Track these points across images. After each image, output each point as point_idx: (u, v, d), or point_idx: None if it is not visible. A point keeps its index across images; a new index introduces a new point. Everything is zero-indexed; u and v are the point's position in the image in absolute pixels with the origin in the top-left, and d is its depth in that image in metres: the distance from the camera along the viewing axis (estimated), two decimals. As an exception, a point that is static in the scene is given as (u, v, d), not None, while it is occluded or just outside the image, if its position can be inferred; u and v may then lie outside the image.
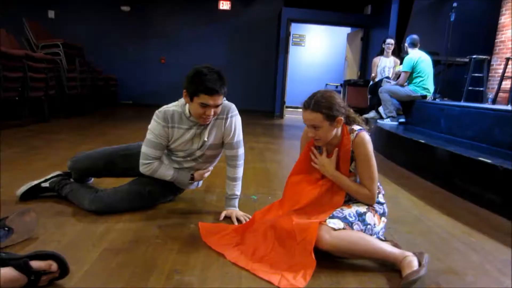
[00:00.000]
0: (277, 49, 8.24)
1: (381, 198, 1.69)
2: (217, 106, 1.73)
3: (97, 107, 7.21)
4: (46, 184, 2.04)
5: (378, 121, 4.79)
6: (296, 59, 9.98)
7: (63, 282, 1.23)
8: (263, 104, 8.59)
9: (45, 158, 2.96)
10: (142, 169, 1.86)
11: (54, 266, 1.18)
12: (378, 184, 1.65)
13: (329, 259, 1.46)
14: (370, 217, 1.58)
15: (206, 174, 1.99)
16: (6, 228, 1.43)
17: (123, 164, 1.98)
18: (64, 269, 1.22)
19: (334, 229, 1.45)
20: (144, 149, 1.84)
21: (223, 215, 1.92)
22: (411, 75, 4.53)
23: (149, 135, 1.84)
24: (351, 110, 1.69)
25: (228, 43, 8.52)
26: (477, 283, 1.41)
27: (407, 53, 4.67)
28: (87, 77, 6.67)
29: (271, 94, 8.62)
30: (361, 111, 6.55)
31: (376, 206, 1.64)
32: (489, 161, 2.33)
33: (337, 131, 1.62)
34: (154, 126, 1.83)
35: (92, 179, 2.24)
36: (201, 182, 2.16)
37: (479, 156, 2.49)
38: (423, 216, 2.15)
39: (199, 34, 8.43)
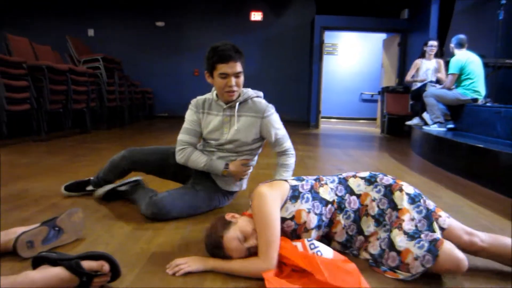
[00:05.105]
0: (310, 58, 8.14)
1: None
2: (236, 75, 1.72)
3: (135, 119, 7.36)
4: (123, 188, 2.07)
5: (423, 127, 4.54)
6: (329, 68, 9.81)
7: (115, 285, 1.16)
8: (297, 114, 8.47)
9: (89, 165, 2.99)
10: (177, 156, 1.87)
11: (106, 266, 1.11)
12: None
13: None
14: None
15: (247, 170, 1.90)
16: (57, 228, 1.39)
17: (174, 160, 1.92)
18: (115, 271, 1.14)
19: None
20: (179, 136, 1.89)
21: None
22: (459, 78, 4.28)
23: (184, 124, 1.90)
24: None
25: (261, 54, 8.52)
26: None
27: (453, 55, 4.42)
28: (125, 90, 6.84)
29: (305, 104, 8.49)
30: (402, 118, 6.34)
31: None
32: None
33: None
34: (188, 113, 1.90)
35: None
36: (245, 184, 2.05)
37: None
38: (495, 226, 1.92)
39: (232, 45, 8.47)
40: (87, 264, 1.10)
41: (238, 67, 1.71)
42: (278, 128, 1.88)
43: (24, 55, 4.72)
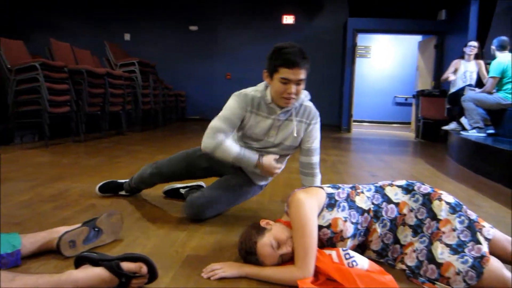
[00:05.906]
0: (342, 61, 8.03)
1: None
2: (298, 82, 1.62)
3: (167, 121, 7.52)
4: (183, 191, 2.15)
5: (461, 132, 4.37)
6: (362, 71, 9.65)
7: (151, 286, 1.19)
8: (328, 117, 8.30)
9: (126, 166, 3.09)
10: (206, 142, 1.71)
11: (144, 268, 1.14)
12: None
13: None
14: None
15: (277, 169, 1.80)
16: (97, 229, 1.44)
17: (204, 163, 1.91)
18: (152, 274, 1.17)
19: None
20: (214, 123, 1.73)
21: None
22: (500, 81, 4.09)
23: (223, 112, 1.74)
24: None
25: (292, 57, 8.46)
26: None
27: (494, 57, 4.23)
28: (159, 93, 7.02)
29: (336, 108, 8.38)
30: (438, 123, 6.12)
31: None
32: None
33: None
34: (233, 104, 1.73)
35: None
36: (270, 178, 1.99)
37: None
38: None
39: (263, 49, 8.33)
40: (126, 266, 1.13)
41: (302, 75, 1.62)
42: (317, 138, 1.83)
43: (65, 60, 4.94)
